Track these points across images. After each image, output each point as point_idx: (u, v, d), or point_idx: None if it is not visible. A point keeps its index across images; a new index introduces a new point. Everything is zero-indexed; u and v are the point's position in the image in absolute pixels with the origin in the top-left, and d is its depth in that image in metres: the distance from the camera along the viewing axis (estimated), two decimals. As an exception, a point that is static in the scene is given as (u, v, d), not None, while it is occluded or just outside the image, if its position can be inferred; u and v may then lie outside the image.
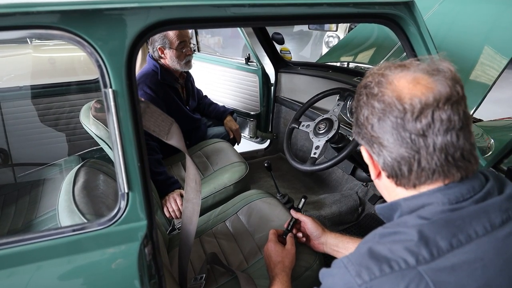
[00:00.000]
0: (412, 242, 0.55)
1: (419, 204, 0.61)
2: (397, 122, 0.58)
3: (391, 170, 0.63)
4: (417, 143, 0.58)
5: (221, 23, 0.81)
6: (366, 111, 0.63)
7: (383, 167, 0.64)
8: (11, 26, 0.64)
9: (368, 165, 0.69)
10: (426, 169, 0.59)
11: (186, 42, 1.90)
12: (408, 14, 0.97)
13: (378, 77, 0.62)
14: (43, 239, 0.74)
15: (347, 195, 2.07)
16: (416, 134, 0.57)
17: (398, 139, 0.59)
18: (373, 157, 0.66)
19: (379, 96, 0.61)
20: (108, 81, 0.71)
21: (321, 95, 1.50)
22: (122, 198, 0.77)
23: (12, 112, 2.02)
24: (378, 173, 0.68)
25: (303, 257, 1.23)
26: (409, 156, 0.59)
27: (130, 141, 0.74)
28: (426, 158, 0.58)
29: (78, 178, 1.09)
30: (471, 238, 0.55)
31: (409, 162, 0.60)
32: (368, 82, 0.64)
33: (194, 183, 0.97)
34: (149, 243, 0.81)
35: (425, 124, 0.57)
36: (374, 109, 0.61)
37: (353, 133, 0.70)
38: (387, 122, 0.59)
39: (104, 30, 0.69)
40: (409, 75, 0.60)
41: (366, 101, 0.63)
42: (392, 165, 0.62)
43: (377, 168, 0.67)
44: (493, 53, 2.22)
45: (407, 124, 0.57)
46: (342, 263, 0.60)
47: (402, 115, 0.58)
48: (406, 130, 0.58)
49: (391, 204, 0.66)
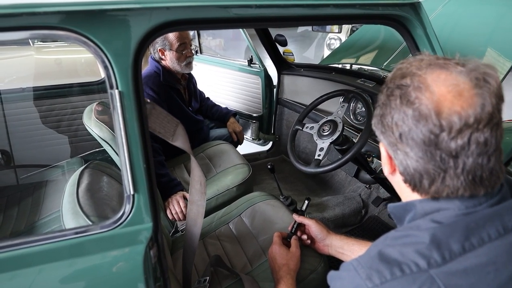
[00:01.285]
0: (423, 245, 0.54)
1: (435, 208, 0.59)
2: (430, 138, 0.54)
3: (410, 179, 0.60)
4: (446, 163, 0.54)
5: (227, 24, 0.81)
6: (396, 115, 0.57)
7: (402, 172, 0.61)
8: (18, 26, 0.63)
9: (383, 159, 0.67)
10: (449, 186, 0.56)
11: (187, 44, 1.90)
12: (414, 15, 0.96)
13: (418, 81, 0.56)
14: (47, 241, 0.73)
15: (350, 197, 2.06)
16: (448, 154, 0.54)
17: (427, 155, 0.55)
18: (393, 159, 0.63)
19: (415, 104, 0.55)
20: (115, 82, 0.71)
21: (325, 96, 1.49)
22: (128, 200, 0.77)
23: (15, 113, 2.02)
24: (393, 170, 0.65)
25: (308, 260, 1.22)
26: (435, 173, 0.56)
27: (136, 143, 0.74)
28: (452, 178, 0.55)
29: (82, 180, 1.08)
30: (483, 241, 0.54)
31: (433, 178, 0.57)
32: (405, 83, 0.57)
33: (199, 185, 0.96)
34: (154, 245, 0.80)
35: (460, 145, 0.53)
36: (407, 117, 0.56)
37: (373, 126, 0.65)
38: (419, 135, 0.55)
39: (111, 31, 0.68)
40: (450, 80, 0.54)
41: (399, 104, 0.57)
42: (412, 175, 0.59)
43: (394, 168, 0.64)
44: (497, 56, 2.22)
45: (441, 143, 0.53)
46: (352, 265, 0.59)
47: (438, 131, 0.53)
48: (438, 148, 0.54)
49: (406, 204, 0.64)
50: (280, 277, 1.06)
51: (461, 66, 0.56)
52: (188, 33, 1.94)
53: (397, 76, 0.60)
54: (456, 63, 0.57)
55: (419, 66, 0.58)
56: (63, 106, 2.12)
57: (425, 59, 0.60)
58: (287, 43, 2.34)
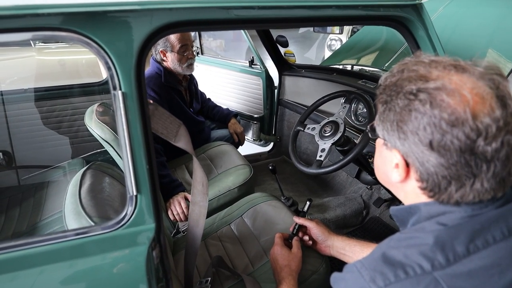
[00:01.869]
0: (427, 246, 0.54)
1: (440, 211, 0.58)
2: (466, 143, 0.51)
3: (433, 186, 0.57)
4: (479, 167, 0.53)
5: (230, 25, 0.81)
6: (425, 120, 0.53)
7: (424, 180, 0.58)
8: (21, 28, 0.64)
9: (387, 164, 0.63)
10: (477, 190, 0.54)
11: (188, 45, 1.91)
12: (416, 17, 0.96)
13: (449, 83, 0.53)
14: (49, 242, 0.73)
15: (352, 198, 2.06)
16: (483, 159, 0.52)
17: (461, 161, 0.52)
18: (411, 166, 0.59)
19: (450, 107, 0.52)
20: (118, 83, 0.71)
21: (327, 97, 1.49)
22: (130, 201, 0.77)
23: (16, 114, 2.02)
24: (405, 179, 0.61)
25: (310, 261, 1.22)
26: (466, 178, 0.54)
27: (139, 143, 0.74)
28: (482, 182, 0.54)
29: (84, 181, 1.08)
30: (488, 243, 0.54)
31: (463, 183, 0.54)
32: (435, 87, 0.54)
33: (201, 186, 0.97)
34: (157, 246, 0.80)
35: (494, 149, 0.51)
36: (441, 122, 0.52)
37: (381, 131, 0.61)
38: (454, 141, 0.52)
39: (114, 32, 0.69)
40: (471, 83, 0.53)
41: (429, 109, 0.53)
42: (439, 183, 0.56)
43: (408, 175, 0.60)
44: (498, 57, 2.22)
45: (477, 148, 0.51)
46: (355, 267, 0.59)
47: (475, 136, 0.51)
48: (474, 153, 0.52)
49: (409, 207, 0.63)
50: (282, 278, 1.06)
51: (473, 68, 0.55)
52: (190, 35, 1.94)
53: (413, 78, 0.57)
54: (468, 65, 0.56)
55: (441, 68, 0.56)
56: (64, 107, 2.12)
57: (437, 60, 0.58)
58: (288, 44, 2.34)
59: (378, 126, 0.63)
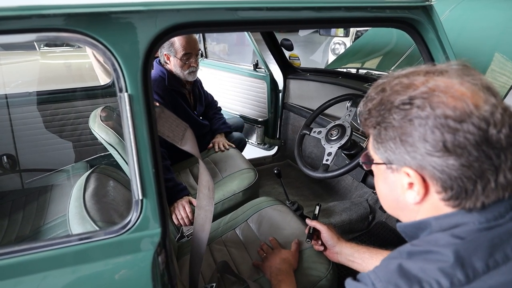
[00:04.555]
0: (448, 264, 0.51)
1: (452, 223, 0.56)
2: (479, 135, 0.50)
3: (459, 192, 0.54)
4: (499, 157, 0.51)
5: (237, 26, 0.80)
6: (430, 122, 0.51)
7: (448, 188, 0.54)
8: (28, 28, 0.63)
9: (397, 188, 0.59)
10: (501, 184, 0.52)
11: (192, 54, 1.89)
12: (426, 18, 0.95)
13: (437, 84, 0.53)
14: (53, 247, 0.72)
15: (357, 202, 2.03)
16: (499, 147, 0.50)
17: (481, 155, 0.50)
18: (429, 178, 0.55)
19: (450, 104, 0.51)
20: (124, 85, 0.69)
21: (333, 100, 1.48)
22: (136, 205, 0.76)
23: (21, 117, 2.02)
24: (425, 194, 0.57)
25: (317, 267, 1.20)
26: (490, 173, 0.52)
27: (145, 147, 0.73)
28: (504, 174, 0.52)
29: (88, 185, 1.07)
30: (508, 258, 0.52)
31: (487, 180, 0.52)
32: (424, 90, 0.53)
33: (207, 190, 0.95)
34: (163, 251, 0.79)
35: (506, 135, 0.50)
36: (446, 120, 0.50)
37: (383, 154, 0.58)
38: (467, 136, 0.50)
39: (120, 34, 0.67)
40: (459, 83, 0.53)
41: (430, 111, 0.51)
42: (464, 186, 0.53)
43: (428, 189, 0.56)
44: (504, 61, 2.19)
45: (491, 137, 0.50)
46: (369, 278, 0.56)
47: (485, 126, 0.50)
48: (490, 144, 0.50)
49: (419, 223, 0.60)
50: (283, 273, 1.11)
51: (450, 68, 0.56)
52: (196, 44, 1.91)
53: (400, 90, 0.55)
54: (444, 67, 0.57)
55: (419, 75, 0.56)
56: (68, 110, 2.12)
57: (414, 70, 0.58)
58: (293, 47, 2.33)
59: (378, 150, 0.59)
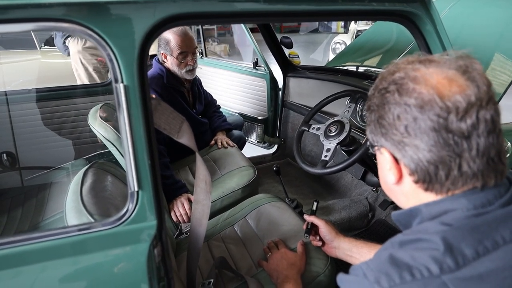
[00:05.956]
0: (437, 251, 0.51)
1: (441, 210, 0.57)
2: (438, 122, 0.53)
3: (424, 175, 0.57)
4: (460, 146, 0.53)
5: (234, 18, 0.80)
6: (397, 109, 0.56)
7: (414, 171, 0.58)
8: (23, 18, 0.63)
9: (384, 169, 0.63)
10: (466, 173, 0.55)
11: (187, 53, 1.88)
12: (424, 12, 0.94)
13: (412, 72, 0.57)
14: (48, 238, 0.72)
15: (357, 200, 2.03)
16: (460, 135, 0.53)
17: (439, 141, 0.53)
18: (400, 160, 0.60)
19: (415, 92, 0.54)
20: (120, 76, 0.69)
21: (332, 97, 1.47)
22: (131, 197, 0.75)
23: (21, 115, 2.02)
24: (400, 177, 0.61)
25: (315, 263, 1.20)
26: (450, 159, 0.54)
27: (141, 138, 0.73)
28: (467, 162, 0.54)
29: (86, 179, 1.07)
30: (498, 244, 0.52)
31: (449, 166, 0.55)
32: (399, 77, 0.57)
33: (204, 184, 0.95)
34: (159, 244, 0.78)
35: (470, 124, 0.52)
36: (409, 107, 0.55)
37: (369, 135, 0.63)
38: (427, 122, 0.53)
39: (116, 24, 0.67)
40: (441, 72, 0.55)
41: (398, 98, 0.56)
42: (427, 169, 0.56)
43: (400, 172, 0.61)
44: (504, 60, 2.19)
45: (451, 125, 0.52)
46: (361, 269, 0.57)
47: (446, 114, 0.52)
48: (450, 131, 0.53)
49: (410, 210, 0.62)
50: (288, 277, 1.08)
51: (441, 58, 0.58)
52: (192, 42, 1.90)
53: (385, 76, 0.60)
54: (437, 57, 0.59)
55: (405, 62, 0.60)
56: (68, 107, 2.12)
57: (404, 60, 0.61)
58: (292, 45, 2.33)
59: (367, 132, 0.65)
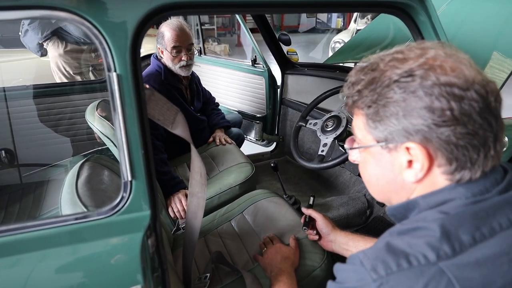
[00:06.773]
0: (434, 238, 0.51)
1: (439, 200, 0.56)
2: (482, 102, 0.52)
3: (464, 162, 0.54)
4: (498, 124, 0.54)
5: (230, 8, 0.80)
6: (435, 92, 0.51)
7: (452, 159, 0.54)
8: (13, 6, 0.62)
9: (393, 168, 0.59)
10: (497, 152, 0.55)
11: (181, 48, 1.88)
12: (418, 3, 0.94)
13: (432, 54, 0.55)
14: (41, 227, 0.71)
15: (355, 197, 2.02)
16: (497, 115, 0.53)
17: (484, 123, 0.52)
18: (435, 151, 0.54)
19: (453, 72, 0.52)
20: (112, 65, 0.69)
21: (329, 92, 1.48)
22: (125, 187, 0.75)
23: (19, 111, 2.03)
24: (428, 169, 0.56)
25: (311, 257, 1.20)
26: (491, 140, 0.54)
27: (134, 127, 0.72)
28: (500, 141, 0.54)
29: (81, 172, 1.07)
30: (495, 231, 0.52)
31: (488, 147, 0.54)
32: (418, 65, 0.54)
33: (199, 176, 0.94)
34: (152, 234, 0.78)
35: (498, 105, 0.53)
36: (453, 88, 0.51)
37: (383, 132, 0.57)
38: (473, 105, 0.51)
39: (108, 11, 0.67)
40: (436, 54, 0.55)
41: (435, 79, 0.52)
42: (469, 156, 0.54)
43: (432, 164, 0.56)
44: (502, 57, 2.18)
45: (491, 104, 0.52)
46: (358, 258, 0.56)
47: (485, 94, 0.52)
48: (490, 111, 0.52)
49: (407, 203, 0.60)
50: (282, 270, 1.08)
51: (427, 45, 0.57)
52: (186, 37, 1.89)
53: (397, 64, 0.55)
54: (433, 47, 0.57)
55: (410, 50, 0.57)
56: (66, 104, 2.12)
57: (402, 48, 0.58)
58: (291, 42, 2.32)
59: (374, 130, 0.58)
